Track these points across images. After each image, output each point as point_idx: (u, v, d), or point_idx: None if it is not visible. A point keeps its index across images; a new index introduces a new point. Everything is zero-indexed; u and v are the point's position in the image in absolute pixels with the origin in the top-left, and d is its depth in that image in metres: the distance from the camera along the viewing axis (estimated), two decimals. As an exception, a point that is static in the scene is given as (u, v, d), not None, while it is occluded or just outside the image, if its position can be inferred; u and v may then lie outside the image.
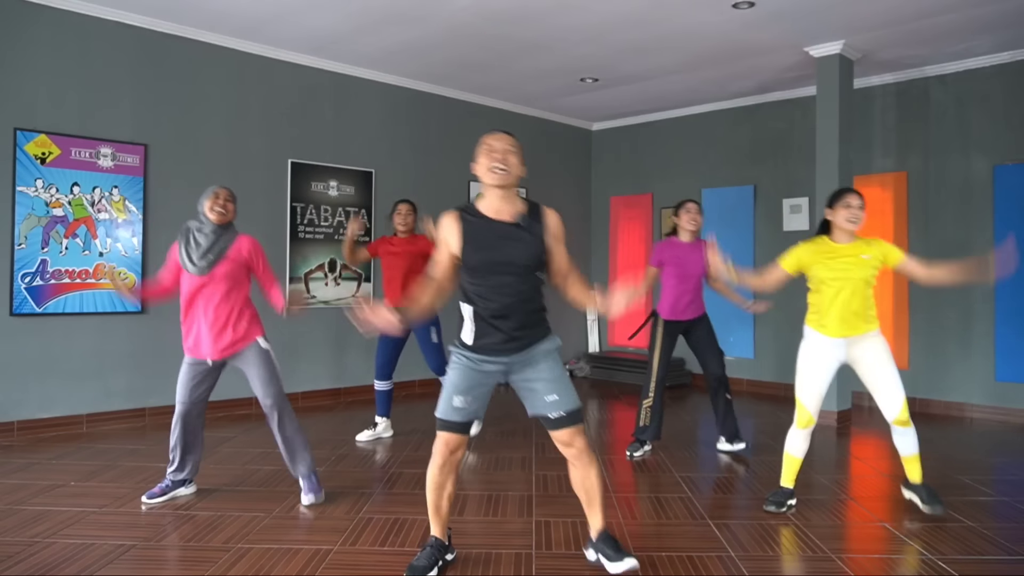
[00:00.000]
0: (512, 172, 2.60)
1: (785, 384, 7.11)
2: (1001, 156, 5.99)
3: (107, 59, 5.30)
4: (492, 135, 2.66)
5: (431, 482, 2.76)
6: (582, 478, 2.77)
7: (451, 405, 2.68)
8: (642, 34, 5.63)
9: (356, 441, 4.92)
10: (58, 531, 3.19)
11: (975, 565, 2.92)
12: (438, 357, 4.89)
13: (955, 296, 6.16)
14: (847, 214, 3.45)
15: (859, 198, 3.48)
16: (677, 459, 4.57)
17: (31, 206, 4.97)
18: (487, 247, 2.58)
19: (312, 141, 6.40)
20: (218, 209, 3.54)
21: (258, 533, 3.20)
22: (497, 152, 2.59)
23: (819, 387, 3.52)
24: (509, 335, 2.62)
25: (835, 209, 3.50)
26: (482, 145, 2.65)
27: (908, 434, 3.50)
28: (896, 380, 3.46)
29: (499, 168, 2.58)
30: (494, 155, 2.59)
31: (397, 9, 5.19)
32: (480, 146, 2.65)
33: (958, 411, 6.15)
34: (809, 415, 3.53)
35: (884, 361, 3.46)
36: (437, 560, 2.77)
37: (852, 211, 3.45)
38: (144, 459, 4.41)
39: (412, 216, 4.94)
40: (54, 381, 5.09)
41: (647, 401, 4.59)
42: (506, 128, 6.31)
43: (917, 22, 5.29)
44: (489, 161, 2.60)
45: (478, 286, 2.61)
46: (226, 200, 3.58)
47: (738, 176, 7.54)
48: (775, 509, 3.54)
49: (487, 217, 2.62)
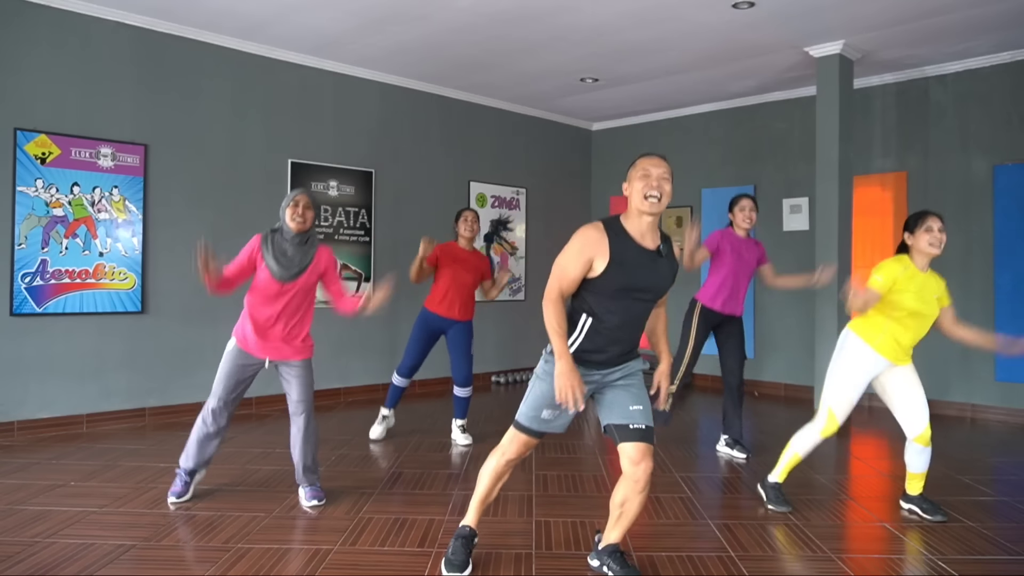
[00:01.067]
0: (664, 200, 2.52)
1: (785, 384, 7.11)
2: (1001, 156, 5.99)
3: (107, 59, 5.30)
4: (650, 159, 2.56)
5: (493, 471, 2.76)
6: (628, 498, 2.63)
7: (539, 417, 2.63)
8: (642, 34, 5.63)
9: (371, 439, 4.94)
10: (58, 531, 3.19)
11: (975, 565, 2.92)
12: (469, 368, 4.86)
13: (955, 296, 6.14)
14: (929, 238, 3.33)
15: (940, 220, 3.36)
16: (677, 459, 4.57)
17: (31, 206, 4.97)
18: (631, 271, 2.50)
19: (312, 141, 6.40)
20: (297, 219, 3.52)
21: (258, 533, 3.20)
22: (653, 180, 2.51)
23: (856, 397, 3.47)
24: (616, 354, 2.59)
25: (916, 234, 3.36)
26: (637, 168, 2.56)
27: (925, 453, 3.48)
28: (925, 402, 3.45)
29: (654, 196, 2.50)
30: (651, 182, 2.51)
31: (397, 9, 5.19)
32: (635, 168, 2.57)
33: (958, 411, 6.14)
34: (837, 425, 3.49)
35: (916, 384, 3.45)
36: (471, 551, 2.82)
37: (934, 235, 3.33)
38: (144, 459, 4.41)
39: (478, 224, 4.85)
40: (54, 381, 5.09)
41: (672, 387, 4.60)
42: (506, 128, 6.36)
43: (917, 22, 5.29)
44: (646, 188, 2.51)
45: (606, 304, 2.54)
46: (305, 208, 3.54)
47: (738, 176, 7.54)
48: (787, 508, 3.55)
49: (633, 240, 2.54)
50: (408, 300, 6.26)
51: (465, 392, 4.89)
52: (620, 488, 2.65)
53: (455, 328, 4.81)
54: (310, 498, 3.59)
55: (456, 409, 4.97)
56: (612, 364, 2.61)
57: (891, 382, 3.48)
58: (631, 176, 2.57)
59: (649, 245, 2.55)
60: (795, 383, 7.02)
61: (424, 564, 2.87)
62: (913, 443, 3.48)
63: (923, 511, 3.48)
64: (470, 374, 4.86)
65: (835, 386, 3.48)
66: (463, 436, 4.91)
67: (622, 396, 2.61)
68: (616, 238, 2.51)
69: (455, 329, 4.81)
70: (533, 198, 8.19)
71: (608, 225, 2.54)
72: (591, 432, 5.35)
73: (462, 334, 4.81)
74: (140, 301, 5.42)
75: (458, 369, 4.84)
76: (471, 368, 4.88)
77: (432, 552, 2.99)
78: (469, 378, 4.86)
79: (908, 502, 3.58)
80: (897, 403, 3.48)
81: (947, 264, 6.19)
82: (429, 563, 2.88)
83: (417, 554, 2.97)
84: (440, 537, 3.16)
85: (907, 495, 3.59)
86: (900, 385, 3.45)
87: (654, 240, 2.57)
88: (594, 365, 2.60)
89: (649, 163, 2.55)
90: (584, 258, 2.50)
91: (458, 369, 4.84)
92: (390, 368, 6.83)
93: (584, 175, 8.84)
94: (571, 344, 2.58)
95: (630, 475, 2.58)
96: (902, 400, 3.46)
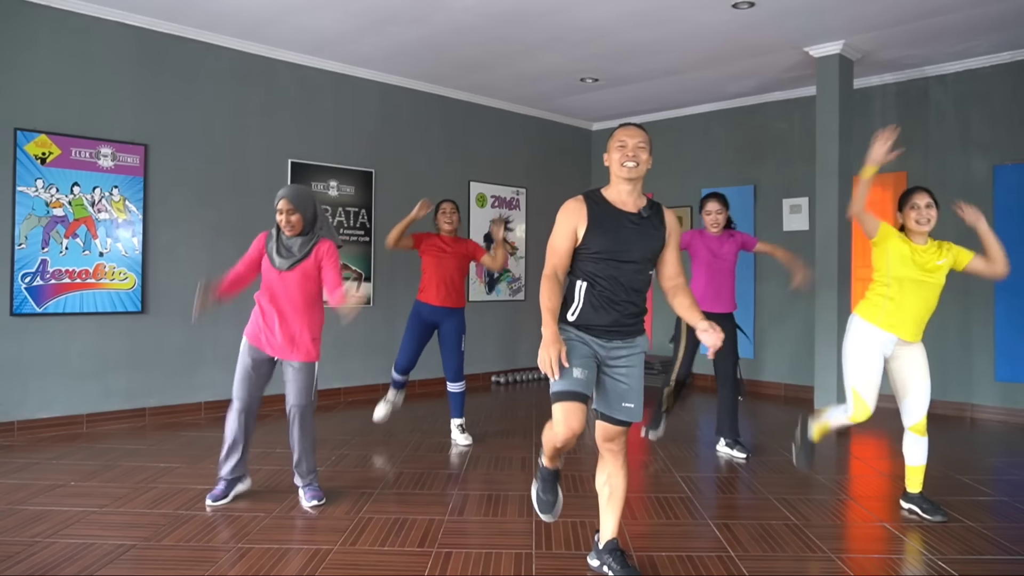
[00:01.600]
0: (642, 167, 2.65)
1: (785, 384, 7.11)
2: (1001, 156, 5.99)
3: (107, 59, 5.30)
4: (625, 129, 2.68)
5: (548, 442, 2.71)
6: (611, 474, 2.76)
7: (572, 376, 2.56)
8: (642, 34, 5.63)
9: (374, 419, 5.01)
10: (58, 531, 3.19)
11: (975, 565, 2.92)
12: (459, 362, 4.89)
13: (955, 296, 6.16)
14: (915, 215, 3.38)
15: (927, 196, 3.39)
16: (677, 459, 4.57)
17: (31, 206, 4.97)
18: (611, 233, 2.62)
19: (312, 141, 6.40)
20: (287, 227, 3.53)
21: (258, 533, 3.20)
22: (629, 149, 2.63)
23: (875, 376, 3.42)
24: (615, 319, 2.64)
25: (904, 212, 3.43)
26: (614, 139, 2.68)
27: (921, 443, 3.49)
28: (927, 390, 3.44)
29: (631, 163, 2.63)
30: (626, 151, 2.64)
31: (397, 9, 5.19)
32: (612, 139, 2.69)
33: (958, 411, 6.15)
34: (867, 407, 3.42)
35: (923, 369, 3.44)
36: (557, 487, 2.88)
37: (920, 212, 3.38)
38: (144, 459, 4.41)
39: (457, 215, 4.90)
40: (54, 381, 5.10)
41: (667, 389, 4.74)
42: (506, 128, 6.32)
43: (917, 22, 5.29)
44: (622, 156, 2.64)
45: (597, 268, 2.64)
46: (289, 214, 3.51)
47: (738, 176, 7.54)
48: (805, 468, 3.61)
49: (613, 205, 2.66)
50: (409, 299, 6.25)
51: (457, 387, 4.92)
52: (599, 469, 2.81)
53: (447, 321, 4.84)
54: (310, 499, 3.59)
55: (452, 407, 4.98)
56: (615, 334, 2.65)
57: (899, 366, 3.47)
58: (609, 146, 2.70)
59: (631, 209, 2.66)
60: (795, 383, 7.02)
61: (424, 564, 2.87)
62: (910, 433, 3.49)
63: (923, 511, 3.48)
64: (460, 368, 4.88)
65: (849, 368, 3.49)
66: (463, 436, 4.91)
67: (619, 389, 2.68)
68: (595, 205, 2.66)
69: (447, 323, 4.84)
70: (533, 198, 8.19)
71: (588, 195, 2.70)
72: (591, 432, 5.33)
73: (453, 329, 4.84)
74: (140, 301, 5.42)
75: (448, 364, 4.88)
76: (461, 363, 4.90)
77: (432, 552, 3.00)
78: (459, 373, 4.88)
79: (908, 501, 3.57)
80: (900, 388, 3.48)
81: (947, 264, 6.20)
82: (429, 563, 2.88)
83: (417, 554, 2.97)
84: (440, 537, 3.16)
85: (907, 494, 3.58)
86: (906, 370, 3.45)
87: (636, 205, 2.68)
88: (597, 332, 2.64)
89: (625, 133, 2.67)
90: (568, 229, 2.64)
91: (448, 364, 4.88)
92: (389, 368, 6.81)
93: (584, 175, 8.84)
94: (573, 312, 2.66)
95: (607, 452, 2.76)
96: (904, 386, 3.46)
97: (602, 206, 2.66)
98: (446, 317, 4.83)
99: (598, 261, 2.62)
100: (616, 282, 2.62)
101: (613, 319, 2.63)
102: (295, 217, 3.51)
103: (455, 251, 4.86)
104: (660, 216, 2.71)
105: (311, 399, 3.65)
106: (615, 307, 2.63)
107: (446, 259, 4.82)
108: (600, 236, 2.61)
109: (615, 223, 2.63)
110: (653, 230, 2.67)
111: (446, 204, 4.90)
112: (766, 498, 3.77)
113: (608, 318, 2.63)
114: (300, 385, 3.60)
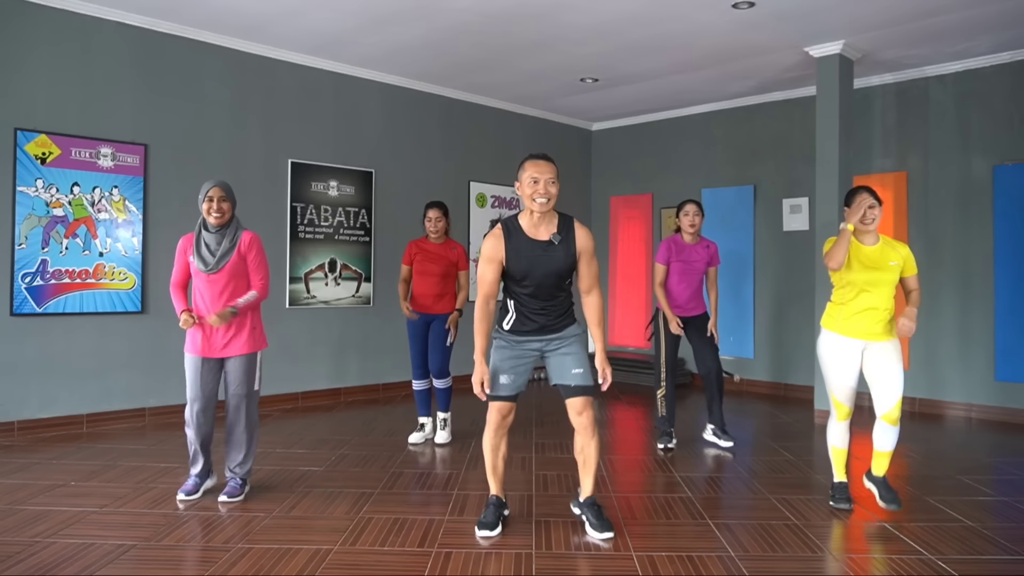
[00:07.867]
0: (552, 200, 3.03)
1: (785, 384, 7.11)
2: (1001, 156, 5.99)
3: (107, 59, 5.30)
4: (535, 163, 3.04)
5: (488, 445, 3.21)
6: (584, 445, 3.20)
7: (498, 383, 3.14)
8: (642, 34, 5.63)
9: (408, 444, 4.90)
10: (58, 531, 3.19)
11: (975, 565, 2.92)
12: (444, 360, 4.93)
13: (955, 295, 6.16)
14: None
15: (870, 196, 3.44)
16: (677, 459, 4.57)
17: (31, 206, 4.97)
18: (526, 260, 3.06)
19: (312, 141, 6.40)
20: (214, 214, 3.59)
21: (258, 533, 3.20)
22: (541, 186, 3.00)
23: (848, 382, 3.51)
24: (542, 324, 3.16)
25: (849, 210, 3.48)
26: (526, 172, 3.03)
27: (891, 432, 3.47)
28: (899, 379, 3.43)
29: (543, 199, 3.01)
30: (538, 188, 3.00)
31: (397, 9, 5.19)
32: (523, 171, 3.04)
33: (958, 411, 6.14)
34: (846, 409, 3.56)
35: (893, 360, 3.44)
36: (500, 515, 3.24)
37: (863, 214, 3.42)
38: (144, 459, 4.41)
39: (443, 222, 4.91)
40: (54, 381, 5.09)
41: (660, 391, 4.85)
42: (506, 128, 6.28)
43: (917, 22, 5.29)
44: (534, 192, 3.00)
45: (519, 288, 3.13)
46: (220, 201, 3.60)
47: (738, 176, 7.54)
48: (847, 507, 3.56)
49: (526, 235, 3.08)
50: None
51: (443, 383, 4.97)
52: (576, 440, 3.23)
53: (436, 322, 4.90)
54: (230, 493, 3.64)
55: (439, 402, 5.02)
56: (545, 332, 3.17)
57: (868, 363, 3.49)
58: (521, 178, 3.05)
59: (542, 236, 3.09)
60: (795, 383, 7.02)
61: (424, 564, 2.87)
62: (880, 421, 3.48)
63: (880, 496, 3.50)
64: (445, 366, 4.94)
65: (825, 376, 3.61)
66: (442, 433, 4.96)
67: (566, 362, 3.16)
68: (511, 236, 3.09)
69: (436, 323, 4.90)
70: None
71: (506, 225, 3.12)
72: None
73: (441, 329, 4.90)
74: (140, 301, 5.42)
75: (433, 361, 4.93)
76: (447, 360, 4.95)
77: (432, 552, 3.00)
78: (444, 370, 4.94)
79: (871, 481, 3.60)
80: (870, 379, 3.50)
81: (947, 264, 6.20)
82: (429, 563, 2.88)
83: (417, 554, 2.97)
84: (440, 537, 3.16)
85: (871, 474, 3.60)
86: (875, 362, 3.47)
87: (548, 231, 3.09)
88: (531, 333, 3.17)
89: (536, 170, 3.02)
90: (493, 264, 3.09)
91: (433, 361, 4.93)
92: (389, 368, 6.84)
93: (584, 175, 8.84)
94: (508, 322, 3.19)
95: (578, 425, 3.17)
96: (873, 376, 3.48)
97: (517, 237, 3.08)
98: (435, 319, 4.91)
99: (519, 283, 3.11)
100: (536, 298, 3.12)
101: (540, 324, 3.16)
102: (226, 204, 3.62)
103: (440, 257, 4.90)
104: (571, 237, 3.08)
105: (255, 388, 3.71)
106: (540, 314, 3.15)
107: (430, 266, 4.88)
108: (516, 265, 3.07)
109: (529, 252, 3.06)
110: (563, 254, 3.08)
111: (431, 211, 4.91)
112: (766, 498, 3.77)
113: (535, 324, 3.16)
114: (241, 375, 3.66)
